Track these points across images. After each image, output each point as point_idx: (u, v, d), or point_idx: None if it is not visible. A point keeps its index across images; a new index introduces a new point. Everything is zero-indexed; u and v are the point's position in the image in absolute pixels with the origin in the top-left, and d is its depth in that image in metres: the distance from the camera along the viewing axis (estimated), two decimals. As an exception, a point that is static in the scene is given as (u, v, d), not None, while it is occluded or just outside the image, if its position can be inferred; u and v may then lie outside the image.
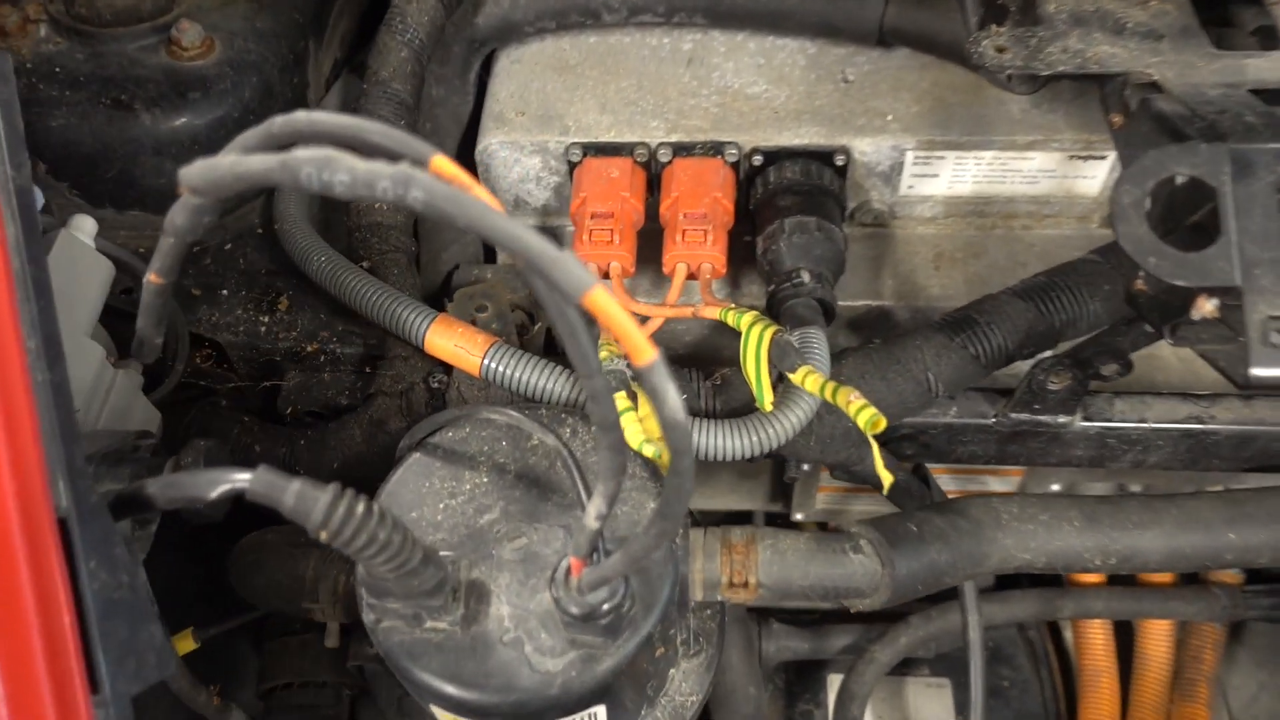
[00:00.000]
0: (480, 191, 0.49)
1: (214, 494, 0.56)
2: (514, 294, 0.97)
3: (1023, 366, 0.81)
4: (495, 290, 0.93)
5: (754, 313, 0.74)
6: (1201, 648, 1.09)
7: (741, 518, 1.29)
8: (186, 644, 0.77)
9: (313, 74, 1.01)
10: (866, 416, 0.61)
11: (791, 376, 0.69)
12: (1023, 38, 0.73)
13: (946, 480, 1.01)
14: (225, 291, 0.90)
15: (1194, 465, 0.86)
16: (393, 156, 0.50)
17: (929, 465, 0.91)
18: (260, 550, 0.76)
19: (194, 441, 0.69)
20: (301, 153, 0.46)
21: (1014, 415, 0.84)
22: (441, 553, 0.64)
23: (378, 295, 0.78)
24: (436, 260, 1.03)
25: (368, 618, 0.62)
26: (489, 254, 1.04)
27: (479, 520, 0.67)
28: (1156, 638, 1.10)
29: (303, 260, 0.83)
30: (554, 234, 0.97)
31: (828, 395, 0.65)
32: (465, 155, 0.96)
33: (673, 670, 0.71)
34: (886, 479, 0.61)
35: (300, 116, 0.52)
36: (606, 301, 0.44)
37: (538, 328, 0.96)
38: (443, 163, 0.49)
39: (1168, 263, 0.52)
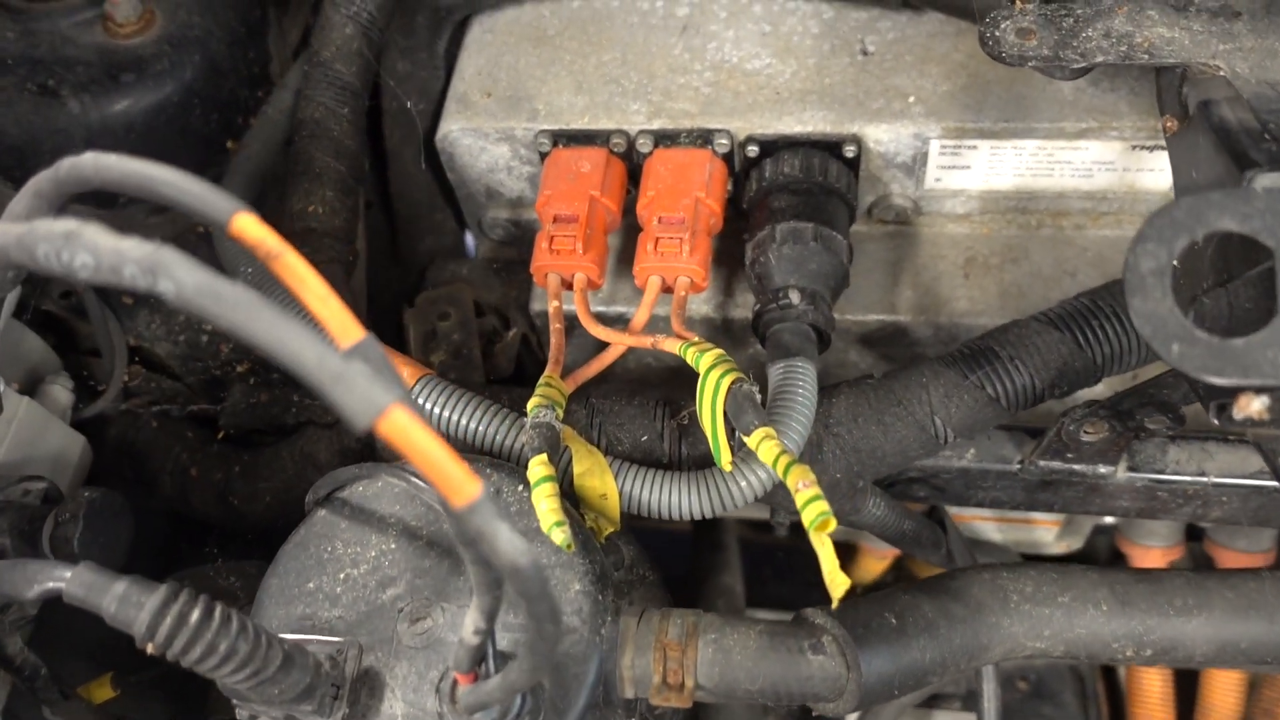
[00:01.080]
0: (292, 259, 0.39)
1: (32, 594, 0.48)
2: (488, 293, 0.87)
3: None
4: (460, 294, 0.83)
5: (716, 352, 0.63)
6: (1277, 700, 0.95)
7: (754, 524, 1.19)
8: (104, 691, 0.72)
9: (275, 45, 0.92)
10: (813, 514, 0.49)
11: (746, 440, 0.58)
12: (1054, 18, 0.58)
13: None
14: (167, 296, 0.82)
15: (1265, 523, 0.72)
16: (191, 213, 0.41)
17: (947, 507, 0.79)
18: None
19: (77, 493, 0.62)
20: (42, 226, 0.36)
21: (1043, 463, 0.71)
22: (331, 639, 0.56)
23: (300, 312, 0.68)
24: (413, 252, 0.94)
25: (241, 716, 0.54)
26: (471, 245, 0.94)
27: (381, 595, 0.58)
28: (1224, 687, 0.96)
29: (231, 267, 0.75)
30: (532, 229, 0.87)
31: (779, 470, 0.54)
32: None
33: (613, 761, 0.62)
34: (836, 590, 0.50)
35: (87, 161, 0.43)
36: (406, 427, 0.34)
37: (512, 334, 0.86)
38: (246, 224, 0.40)
39: (1198, 352, 0.39)
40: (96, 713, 0.71)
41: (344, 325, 0.39)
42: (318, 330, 0.34)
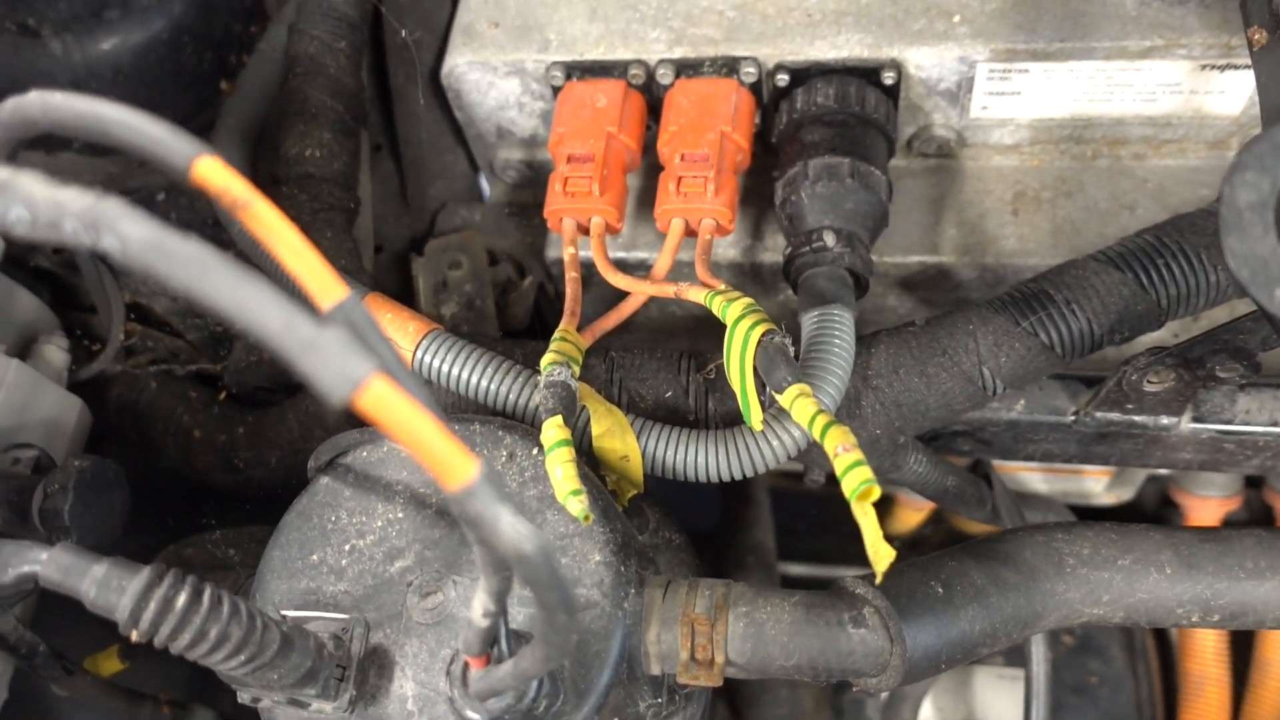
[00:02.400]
0: (263, 208, 0.35)
1: (6, 578, 0.45)
2: (502, 240, 0.82)
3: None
4: (473, 243, 0.78)
5: (744, 301, 0.58)
6: (1340, 656, 0.91)
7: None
8: (112, 664, 0.69)
9: (272, -24, 0.86)
10: (855, 482, 0.44)
11: (778, 398, 0.53)
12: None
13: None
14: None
15: (1344, 477, 0.67)
16: (148, 156, 0.36)
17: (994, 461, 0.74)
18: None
19: (69, 463, 0.58)
20: (-29, 175, 0.32)
21: (1100, 414, 0.66)
22: (336, 615, 0.53)
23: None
24: (422, 196, 0.89)
25: (243, 697, 0.51)
26: (484, 189, 0.89)
27: (389, 568, 0.54)
28: (1283, 642, 0.92)
29: (226, 218, 0.70)
30: (547, 170, 0.81)
31: (815, 432, 0.49)
32: (440, 75, 0.80)
33: (640, 736, 0.58)
34: (880, 563, 0.45)
35: (33, 102, 0.38)
36: (389, 401, 0.30)
37: (527, 283, 0.81)
38: (209, 169, 0.35)
39: (1307, 300, 0.34)
40: (105, 685, 0.69)
41: (323, 283, 0.34)
42: (286, 291, 0.30)
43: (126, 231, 0.29)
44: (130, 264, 0.30)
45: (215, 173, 0.35)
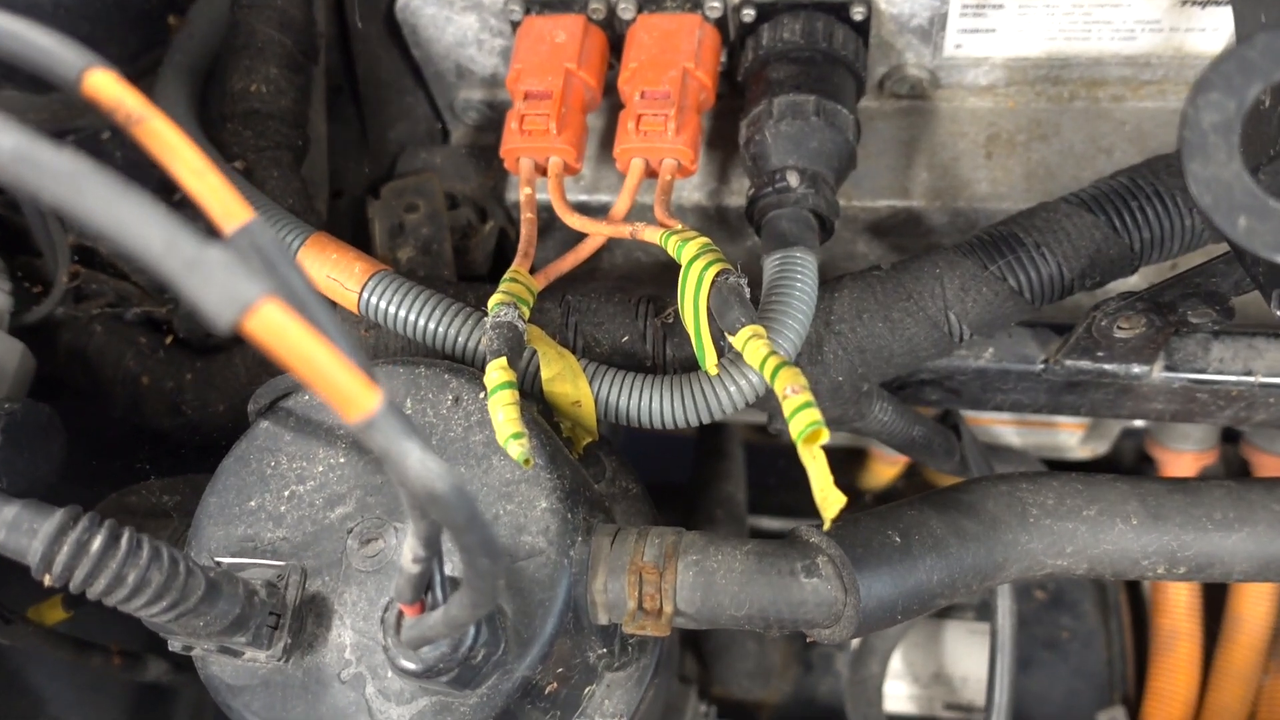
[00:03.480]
0: (159, 124, 0.32)
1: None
2: (463, 184, 0.80)
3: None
4: (430, 185, 0.76)
5: (700, 241, 0.55)
6: (1313, 612, 0.90)
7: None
8: (56, 613, 0.68)
9: (221, -93, 0.82)
10: (802, 424, 0.43)
11: (732, 340, 0.51)
12: None
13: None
14: (110, 188, 0.75)
15: (1317, 427, 0.65)
16: (35, 69, 0.34)
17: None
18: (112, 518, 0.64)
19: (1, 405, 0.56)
20: None
21: (1070, 362, 0.64)
22: (273, 563, 0.51)
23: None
24: (382, 139, 0.86)
25: (174, 645, 0.49)
26: (445, 130, 0.86)
27: (329, 514, 0.53)
28: (1255, 597, 0.91)
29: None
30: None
31: (766, 374, 0.47)
32: (396, 11, 0.77)
33: (591, 688, 0.57)
34: (828, 509, 0.43)
35: (-91, 9, 0.35)
36: (279, 326, 0.28)
37: (488, 227, 0.79)
38: (101, 82, 0.33)
39: (1269, 228, 0.32)
40: (49, 635, 0.67)
41: (226, 205, 0.32)
42: (166, 208, 0.28)
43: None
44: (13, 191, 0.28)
45: (107, 85, 0.32)
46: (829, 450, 0.46)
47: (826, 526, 0.46)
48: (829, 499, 0.43)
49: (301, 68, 0.70)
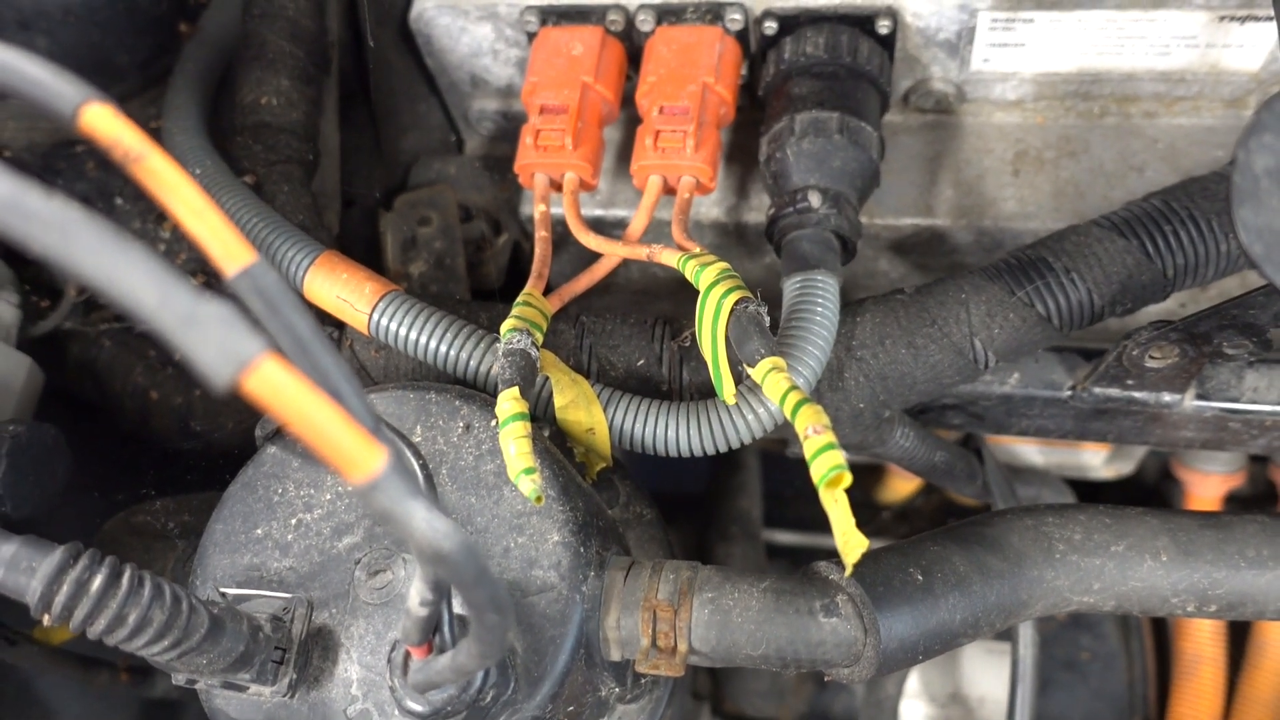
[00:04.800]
0: (158, 162, 0.31)
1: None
2: (477, 195, 0.79)
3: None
4: (443, 197, 0.75)
5: (719, 266, 0.54)
6: (1341, 637, 0.88)
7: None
8: (63, 631, 0.67)
9: (234, -88, 0.81)
10: (824, 468, 0.41)
11: (750, 371, 0.49)
12: None
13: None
14: (121, 201, 0.74)
15: (1354, 459, 0.63)
16: (30, 102, 0.33)
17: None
18: (117, 542, 0.63)
19: (4, 429, 0.55)
20: None
21: (1098, 390, 0.62)
22: (279, 595, 0.50)
23: (253, 221, 0.60)
24: (396, 148, 0.85)
25: (177, 679, 0.48)
26: (459, 140, 0.85)
27: (337, 544, 0.52)
28: (1282, 622, 0.89)
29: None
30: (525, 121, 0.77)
31: (786, 410, 0.45)
32: (410, 19, 0.76)
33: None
34: (850, 554, 0.41)
35: (-96, 40, 0.34)
36: (277, 386, 0.26)
37: (502, 240, 0.77)
38: (98, 118, 0.31)
39: (1325, 280, 0.30)
40: (56, 654, 0.67)
41: (227, 246, 0.31)
42: (165, 259, 0.26)
43: (-25, 192, 0.26)
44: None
45: (105, 121, 0.31)
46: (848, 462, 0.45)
47: (848, 572, 0.44)
48: (851, 543, 0.42)
49: (313, 79, 0.69)
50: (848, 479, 0.41)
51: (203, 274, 0.73)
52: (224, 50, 0.75)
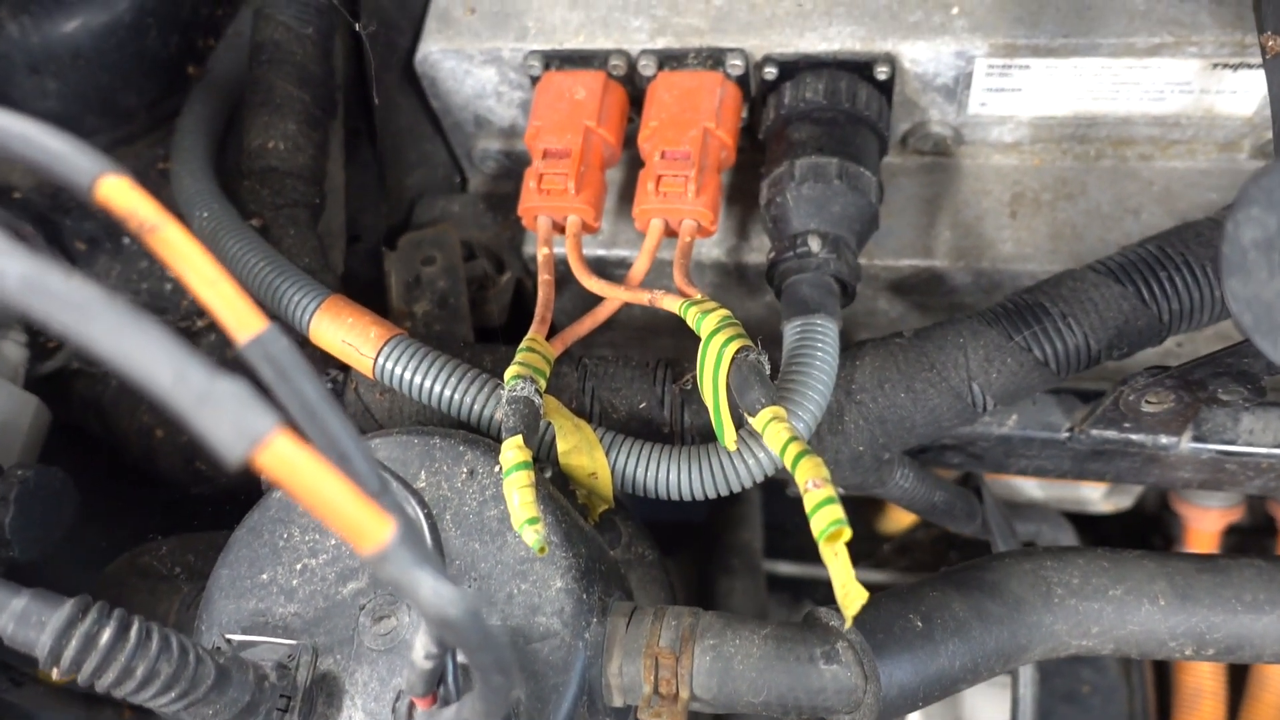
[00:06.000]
0: (173, 233, 0.32)
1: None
2: (480, 233, 0.79)
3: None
4: (446, 237, 0.75)
5: (720, 314, 0.55)
6: (1341, 671, 0.88)
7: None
8: (67, 670, 0.67)
9: (242, -45, 0.82)
10: (824, 522, 0.42)
11: (751, 421, 0.50)
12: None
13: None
14: (128, 240, 0.75)
15: (1350, 500, 0.64)
16: (46, 173, 0.33)
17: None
18: (122, 584, 0.63)
19: (10, 472, 0.56)
20: None
21: (1095, 432, 0.63)
22: (284, 641, 0.50)
23: (260, 265, 0.61)
24: (400, 185, 0.86)
25: (183, 725, 0.49)
26: (463, 178, 0.85)
27: (341, 590, 0.52)
28: (1282, 656, 0.89)
29: (186, 213, 0.67)
30: (528, 161, 0.78)
31: (786, 461, 0.46)
32: (415, 61, 0.77)
33: (604, 762, 0.56)
34: (850, 607, 0.42)
35: (-83, 108, 0.35)
36: (288, 462, 0.27)
37: (505, 279, 0.78)
38: (114, 190, 0.32)
39: (1313, 350, 0.31)
40: (60, 693, 0.67)
41: (239, 315, 0.32)
42: (176, 338, 0.27)
43: (1, 268, 0.27)
44: (4, 303, 0.27)
45: (121, 193, 0.32)
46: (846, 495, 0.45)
47: (848, 625, 0.44)
48: (850, 595, 0.42)
49: (320, 123, 0.70)
50: (847, 533, 0.42)
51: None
52: (231, 93, 0.76)
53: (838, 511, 0.42)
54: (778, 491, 1.15)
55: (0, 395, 0.66)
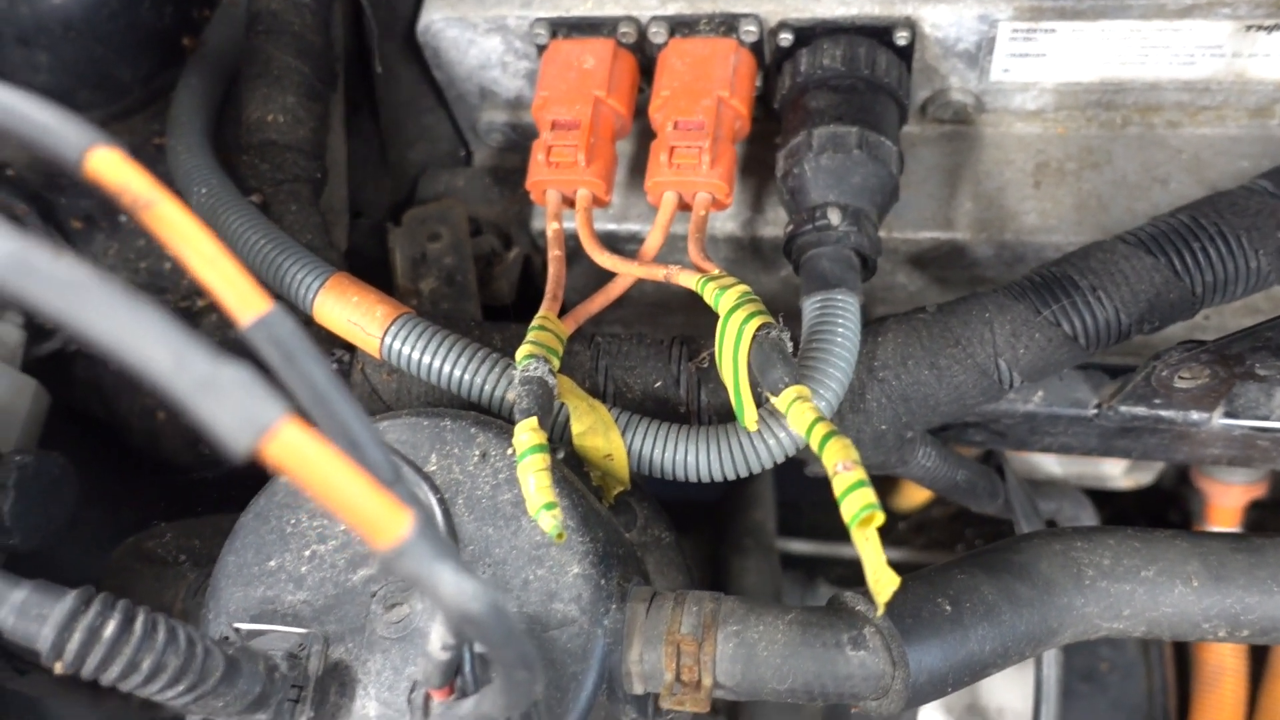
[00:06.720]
0: (168, 209, 0.30)
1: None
2: (486, 208, 0.77)
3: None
4: (453, 211, 0.73)
5: (738, 289, 0.53)
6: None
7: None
8: (71, 659, 0.66)
9: (237, -78, 0.80)
10: (855, 506, 0.40)
11: (774, 400, 0.48)
12: None
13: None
14: (125, 219, 0.73)
15: (1385, 476, 0.62)
16: (35, 146, 0.32)
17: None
18: (127, 571, 0.62)
19: (8, 458, 0.54)
20: None
21: (1124, 408, 0.61)
22: (294, 630, 0.49)
23: (261, 242, 0.59)
24: (403, 160, 0.84)
25: (193, 717, 0.47)
26: (468, 152, 0.83)
27: (351, 577, 0.50)
28: (1304, 632, 0.87)
29: (184, 189, 0.65)
30: (535, 134, 0.76)
31: (813, 443, 0.44)
32: (418, 31, 0.74)
33: (622, 750, 0.55)
34: (881, 593, 0.40)
35: (-96, 80, 0.33)
36: (298, 452, 0.25)
37: (513, 254, 0.76)
38: (105, 163, 0.30)
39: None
40: (65, 681, 0.66)
41: (241, 295, 0.30)
42: (175, 320, 0.25)
43: (-12, 250, 0.25)
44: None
45: (112, 167, 0.30)
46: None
47: (880, 612, 0.43)
48: (882, 581, 0.41)
49: (320, 95, 0.68)
50: (880, 518, 0.40)
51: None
52: (228, 65, 0.74)
53: (870, 495, 0.40)
54: (790, 468, 1.13)
55: (1, 379, 0.64)
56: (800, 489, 1.12)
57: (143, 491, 0.74)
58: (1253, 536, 0.55)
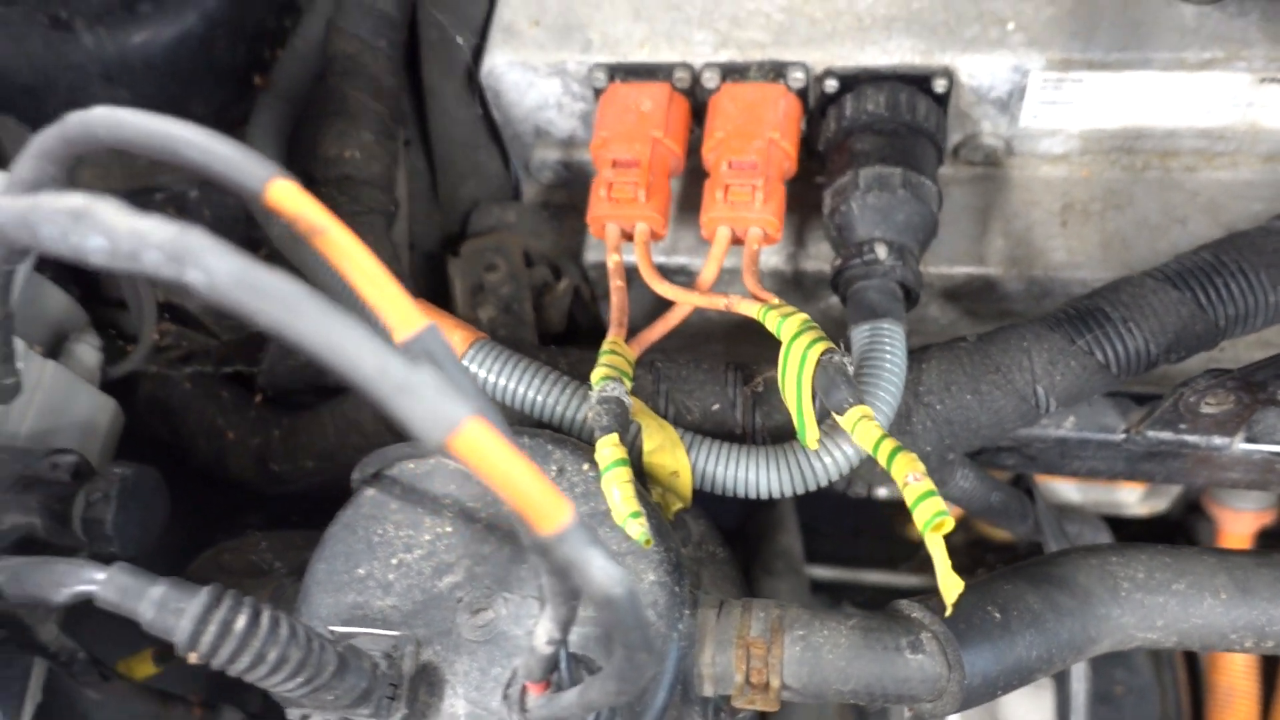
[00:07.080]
0: (339, 235, 0.34)
1: (61, 598, 0.44)
2: (537, 241, 0.81)
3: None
4: (509, 244, 0.77)
5: (800, 318, 0.57)
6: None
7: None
8: (145, 668, 0.69)
9: (303, -31, 0.84)
10: (928, 514, 0.44)
11: (839, 419, 0.52)
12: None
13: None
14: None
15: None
16: (217, 179, 0.35)
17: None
18: (209, 580, 0.65)
19: (108, 470, 0.57)
20: (48, 202, 0.31)
21: (1152, 434, 0.65)
22: (386, 632, 0.52)
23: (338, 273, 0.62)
24: (454, 194, 0.87)
25: (292, 715, 0.50)
26: (516, 187, 0.87)
27: (438, 583, 0.54)
28: (1313, 655, 0.91)
29: (262, 220, 0.69)
30: (585, 171, 0.80)
31: (881, 458, 0.48)
32: (476, 73, 0.79)
33: (686, 754, 0.58)
34: (949, 594, 0.44)
35: (98, 117, 0.36)
36: (484, 444, 0.29)
37: (563, 285, 0.80)
38: (284, 194, 0.34)
39: None
40: (139, 689, 0.68)
41: (402, 313, 0.34)
42: (374, 328, 0.29)
43: (212, 266, 0.28)
44: (216, 298, 0.29)
45: (290, 197, 0.34)
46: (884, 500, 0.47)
47: (949, 612, 0.46)
48: (949, 584, 0.44)
49: (392, 134, 0.72)
50: (949, 524, 0.44)
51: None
52: (296, 102, 0.78)
53: (940, 504, 0.44)
54: (809, 496, 1.17)
55: (83, 397, 0.67)
56: (818, 515, 1.16)
57: (209, 512, 0.77)
58: (1275, 553, 0.59)
